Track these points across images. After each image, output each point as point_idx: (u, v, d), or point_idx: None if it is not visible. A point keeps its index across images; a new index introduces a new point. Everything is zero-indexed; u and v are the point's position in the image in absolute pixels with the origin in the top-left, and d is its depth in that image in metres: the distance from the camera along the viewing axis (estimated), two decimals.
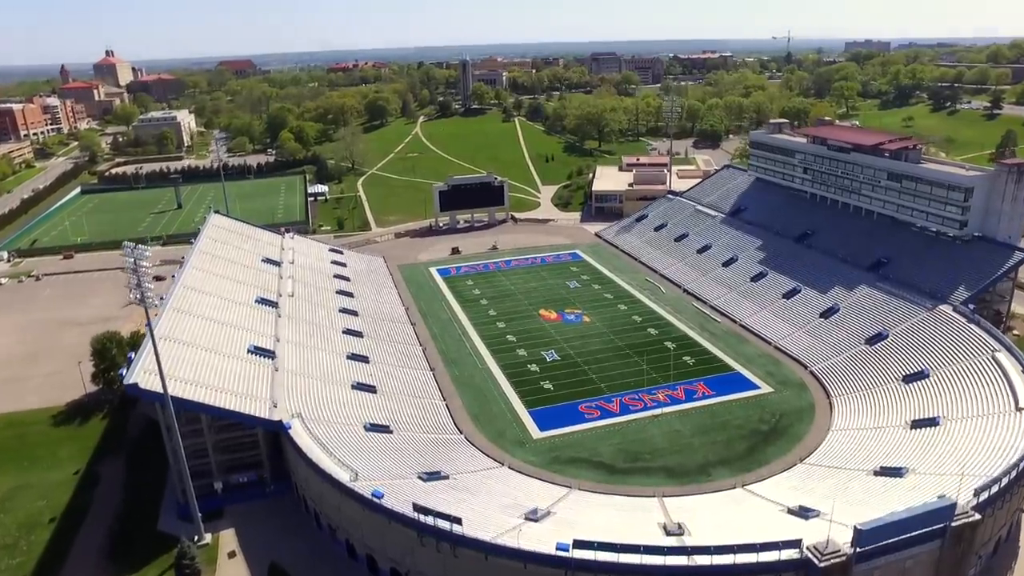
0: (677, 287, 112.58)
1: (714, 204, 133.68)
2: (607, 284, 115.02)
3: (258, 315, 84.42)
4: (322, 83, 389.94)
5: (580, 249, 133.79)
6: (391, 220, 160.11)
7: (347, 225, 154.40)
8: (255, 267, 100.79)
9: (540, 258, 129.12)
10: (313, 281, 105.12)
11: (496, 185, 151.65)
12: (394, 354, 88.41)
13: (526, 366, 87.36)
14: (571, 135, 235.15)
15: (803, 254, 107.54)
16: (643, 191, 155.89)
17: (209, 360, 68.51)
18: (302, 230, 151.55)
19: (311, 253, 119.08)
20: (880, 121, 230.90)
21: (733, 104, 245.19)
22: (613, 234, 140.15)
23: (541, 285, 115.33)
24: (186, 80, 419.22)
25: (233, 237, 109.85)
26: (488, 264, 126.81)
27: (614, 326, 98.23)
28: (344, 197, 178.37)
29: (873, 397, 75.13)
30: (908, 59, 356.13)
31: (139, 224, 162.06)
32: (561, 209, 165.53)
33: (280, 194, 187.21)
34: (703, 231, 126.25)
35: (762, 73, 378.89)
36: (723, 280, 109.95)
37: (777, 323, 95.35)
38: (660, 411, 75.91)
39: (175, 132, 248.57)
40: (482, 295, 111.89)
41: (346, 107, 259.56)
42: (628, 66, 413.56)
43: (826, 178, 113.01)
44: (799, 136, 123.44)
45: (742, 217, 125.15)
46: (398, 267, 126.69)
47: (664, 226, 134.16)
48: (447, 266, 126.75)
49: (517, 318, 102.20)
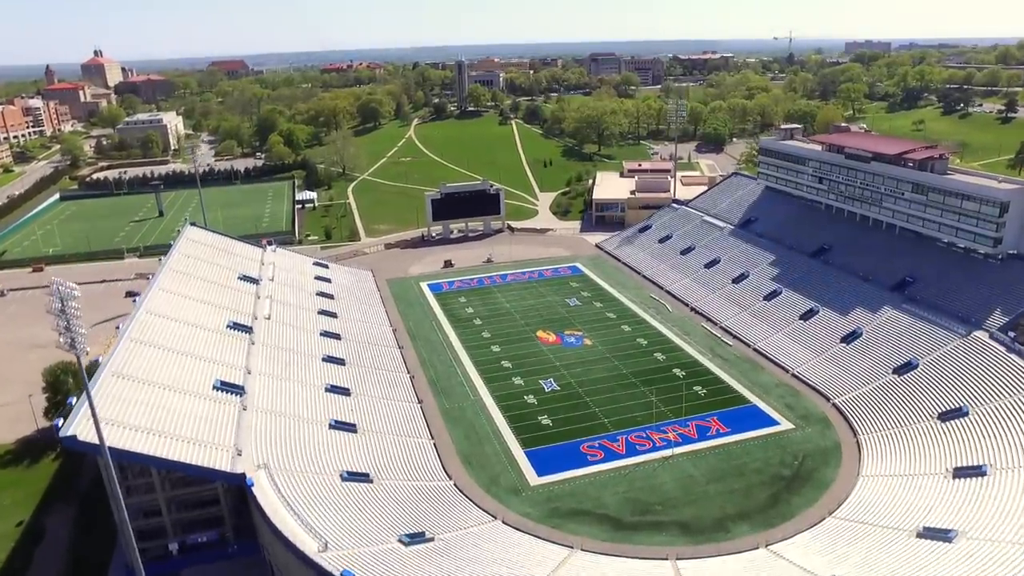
0: (684, 305, 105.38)
1: (722, 214, 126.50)
2: (609, 302, 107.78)
3: (229, 343, 76.98)
4: (315, 84, 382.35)
5: (580, 262, 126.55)
6: (382, 229, 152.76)
7: (335, 235, 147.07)
8: (230, 286, 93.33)
9: (538, 272, 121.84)
10: (294, 300, 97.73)
11: (492, 193, 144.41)
12: (379, 384, 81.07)
13: (523, 397, 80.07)
14: (570, 139, 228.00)
15: (819, 271, 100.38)
16: (646, 199, 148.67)
17: (167, 400, 61.08)
18: (287, 240, 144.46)
19: (293, 268, 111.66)
20: (889, 124, 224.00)
21: (737, 107, 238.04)
22: (615, 245, 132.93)
23: (539, 303, 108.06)
24: (176, 81, 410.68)
25: (208, 252, 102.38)
26: (483, 279, 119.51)
27: (618, 350, 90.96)
28: (333, 204, 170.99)
29: (906, 437, 67.93)
30: (914, 60, 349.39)
31: (117, 233, 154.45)
32: (560, 218, 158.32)
33: (267, 201, 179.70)
34: (711, 244, 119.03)
35: (764, 74, 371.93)
36: (733, 298, 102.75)
37: (794, 348, 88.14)
38: (671, 452, 68.67)
39: (161, 135, 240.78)
40: (476, 314, 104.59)
41: (338, 109, 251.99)
42: (628, 67, 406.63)
43: (843, 189, 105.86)
44: (813, 143, 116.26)
45: (752, 229, 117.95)
46: (387, 282, 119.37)
47: (669, 238, 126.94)
48: (439, 281, 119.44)
49: (513, 341, 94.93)
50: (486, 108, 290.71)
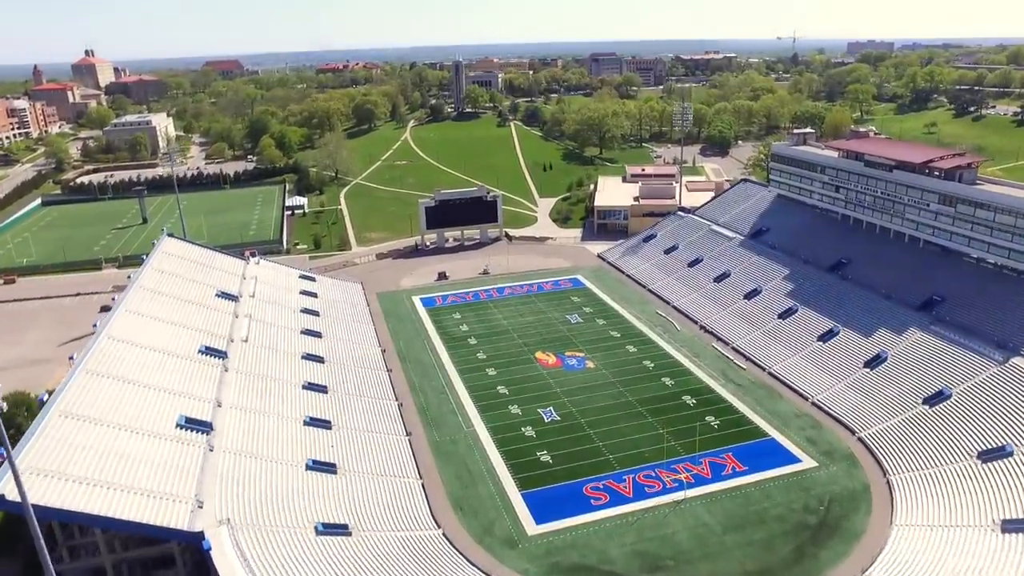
0: (692, 322, 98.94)
1: (731, 224, 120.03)
2: (613, 318, 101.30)
3: (199, 371, 70.45)
4: (311, 84, 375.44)
5: (581, 274, 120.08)
6: (374, 238, 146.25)
7: (325, 244, 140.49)
8: (206, 304, 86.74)
9: (537, 285, 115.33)
10: (275, 319, 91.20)
11: (489, 200, 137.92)
12: (364, 414, 74.61)
13: (520, 429, 73.60)
14: (570, 141, 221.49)
15: (838, 287, 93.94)
16: (650, 206, 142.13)
17: (123, 444, 54.55)
18: (275, 250, 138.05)
19: (277, 282, 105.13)
20: (899, 127, 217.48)
21: (742, 108, 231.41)
22: (618, 256, 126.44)
23: (538, 320, 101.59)
24: (168, 81, 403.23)
25: (185, 267, 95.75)
26: (478, 293, 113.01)
27: (623, 374, 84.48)
28: (324, 211, 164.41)
29: (943, 479, 61.46)
30: (922, 60, 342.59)
31: (97, 241, 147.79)
32: (560, 225, 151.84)
33: (256, 207, 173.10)
34: (720, 255, 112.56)
35: (768, 75, 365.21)
36: (746, 316, 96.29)
37: (813, 372, 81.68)
38: (683, 495, 62.21)
39: (149, 137, 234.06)
40: (470, 332, 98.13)
41: (332, 111, 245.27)
42: (629, 67, 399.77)
43: (862, 199, 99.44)
44: (829, 149, 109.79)
45: (764, 240, 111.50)
46: (378, 296, 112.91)
47: (675, 248, 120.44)
48: (432, 295, 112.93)
49: (510, 363, 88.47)
50: (484, 110, 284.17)
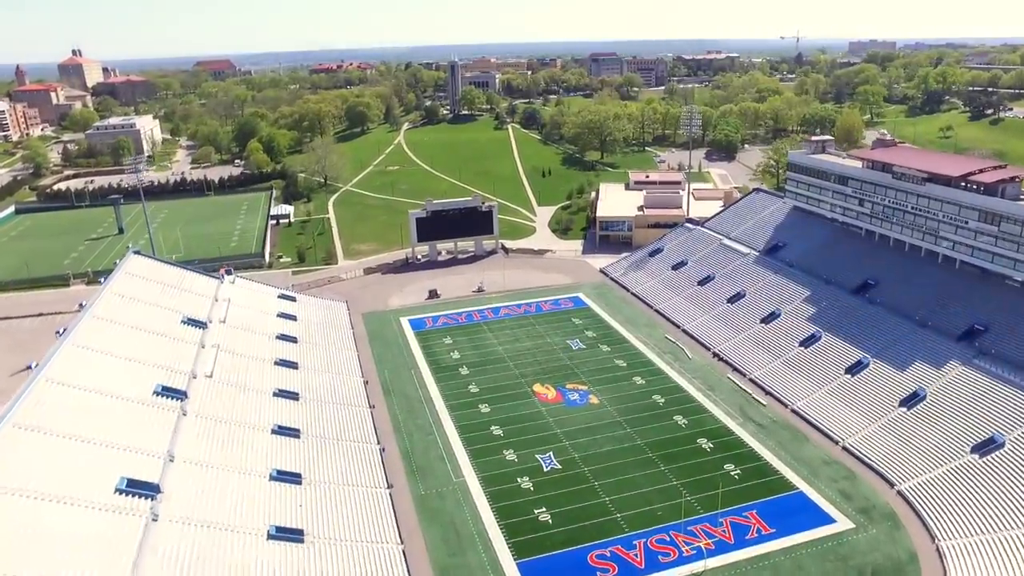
0: (705, 349, 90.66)
1: (744, 238, 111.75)
2: (617, 344, 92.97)
3: (152, 418, 62.01)
4: (303, 85, 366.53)
5: (583, 292, 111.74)
6: (362, 250, 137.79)
7: (310, 257, 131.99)
8: (169, 334, 78.27)
9: (535, 305, 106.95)
10: (247, 348, 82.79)
11: (483, 211, 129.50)
12: (340, 461, 66.26)
13: (516, 480, 65.29)
14: (570, 145, 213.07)
15: (864, 311, 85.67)
16: (656, 217, 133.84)
17: (44, 519, 46.17)
18: (256, 264, 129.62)
19: (253, 304, 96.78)
20: (913, 130, 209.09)
21: (748, 111, 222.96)
22: (622, 271, 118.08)
23: (536, 345, 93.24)
24: (158, 82, 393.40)
25: (149, 290, 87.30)
26: (472, 313, 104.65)
27: (630, 412, 76.19)
28: (311, 220, 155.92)
29: (1003, 547, 53.21)
30: (932, 61, 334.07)
31: (68, 254, 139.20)
32: (560, 236, 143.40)
33: (240, 215, 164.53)
34: (733, 273, 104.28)
35: (772, 75, 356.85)
36: (764, 342, 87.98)
37: (842, 411, 73.38)
38: (702, 567, 53.99)
39: (133, 140, 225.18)
40: (462, 359, 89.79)
41: (323, 113, 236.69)
42: (630, 67, 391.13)
43: (890, 214, 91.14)
44: (852, 159, 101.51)
45: (780, 257, 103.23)
46: (363, 316, 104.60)
47: (684, 264, 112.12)
48: (422, 316, 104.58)
49: (505, 397, 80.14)
50: (481, 112, 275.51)
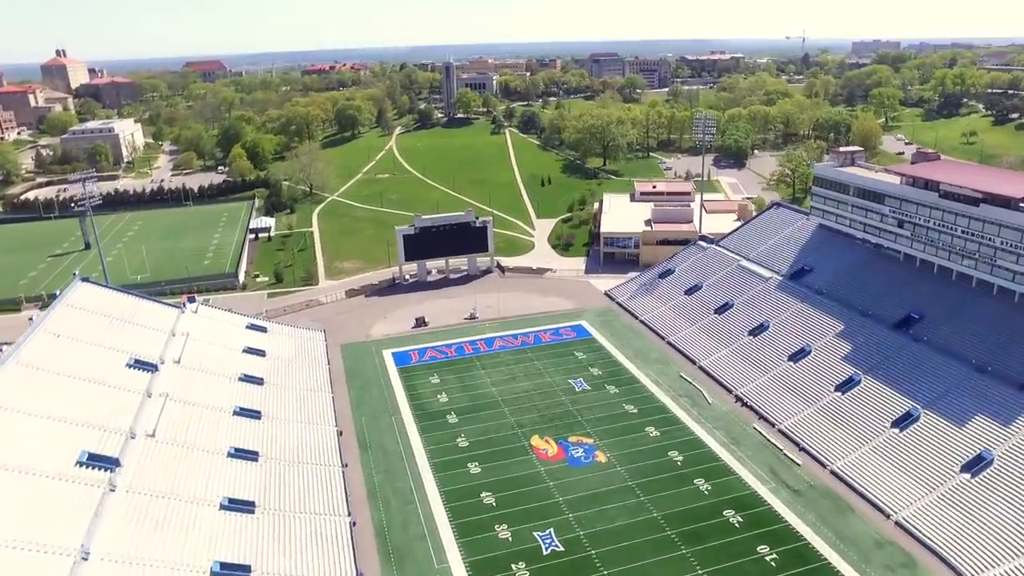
0: (726, 391, 79.99)
1: (765, 260, 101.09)
2: (627, 384, 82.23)
3: (70, 498, 51.26)
4: (295, 87, 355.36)
5: (587, 319, 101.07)
6: (346, 268, 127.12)
7: (288, 277, 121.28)
8: (110, 383, 67.49)
9: (534, 335, 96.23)
10: (202, 395, 72.00)
11: (477, 226, 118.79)
12: (300, 541, 55.53)
13: (511, 567, 54.62)
14: (571, 151, 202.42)
15: (909, 351, 74.97)
16: (664, 232, 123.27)
17: None
18: (229, 284, 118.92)
19: (216, 337, 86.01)
20: (935, 135, 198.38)
21: (758, 114, 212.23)
22: (629, 295, 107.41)
23: (534, 386, 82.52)
24: (144, 83, 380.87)
25: (94, 325, 76.57)
26: (463, 345, 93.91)
27: (643, 473, 65.50)
28: (293, 233, 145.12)
29: None
30: (946, 61, 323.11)
31: (26, 272, 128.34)
32: (561, 252, 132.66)
33: (218, 228, 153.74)
34: (754, 300, 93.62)
35: (779, 76, 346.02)
36: (793, 385, 77.27)
37: (892, 474, 62.65)
38: None
39: (111, 146, 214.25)
40: (450, 404, 79.09)
41: (311, 117, 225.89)
42: (631, 68, 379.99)
43: (936, 238, 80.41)
44: (889, 174, 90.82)
45: (807, 283, 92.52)
46: (341, 348, 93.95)
47: (698, 288, 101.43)
48: (407, 348, 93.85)
49: (499, 453, 69.45)
50: (477, 115, 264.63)
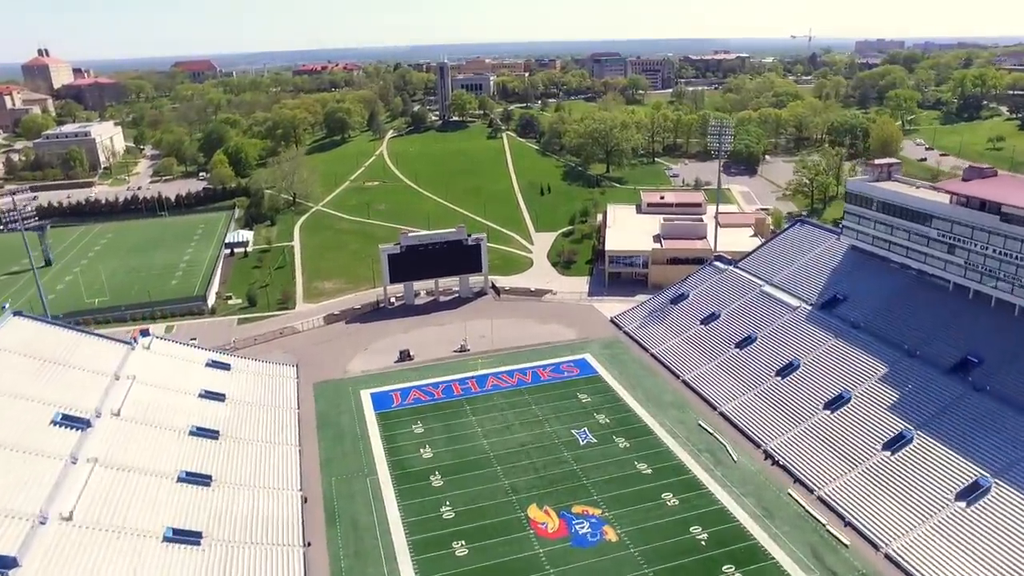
0: (753, 444, 69.24)
1: (790, 285, 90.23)
2: (638, 436, 71.41)
3: None
4: (285, 88, 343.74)
5: (591, 351, 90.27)
6: (327, 289, 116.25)
7: (262, 300, 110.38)
8: (25, 447, 56.74)
9: (531, 373, 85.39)
10: (141, 459, 61.12)
11: (470, 244, 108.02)
12: None
13: None
14: (572, 156, 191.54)
15: (970, 403, 64.17)
16: (676, 250, 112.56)
17: None
18: (197, 309, 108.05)
19: (169, 379, 75.12)
20: (958, 139, 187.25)
21: (769, 117, 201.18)
22: (638, 323, 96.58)
23: (532, 438, 71.70)
24: (129, 84, 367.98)
25: (21, 370, 65.81)
26: (451, 385, 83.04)
27: (661, 556, 54.72)
28: (272, 248, 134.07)
29: None
30: (961, 61, 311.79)
31: None
32: (561, 271, 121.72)
33: (192, 242, 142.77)
34: (780, 334, 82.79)
35: (785, 76, 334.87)
36: (833, 440, 66.43)
37: (963, 561, 51.80)
38: None
39: (87, 151, 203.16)
40: (435, 461, 68.28)
41: (298, 121, 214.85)
42: (634, 68, 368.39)
43: (996, 267, 69.54)
44: (935, 191, 79.91)
45: (841, 314, 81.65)
46: (314, 388, 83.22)
47: (715, 317, 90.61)
48: (388, 387, 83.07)
49: (490, 530, 58.62)
50: (473, 118, 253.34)
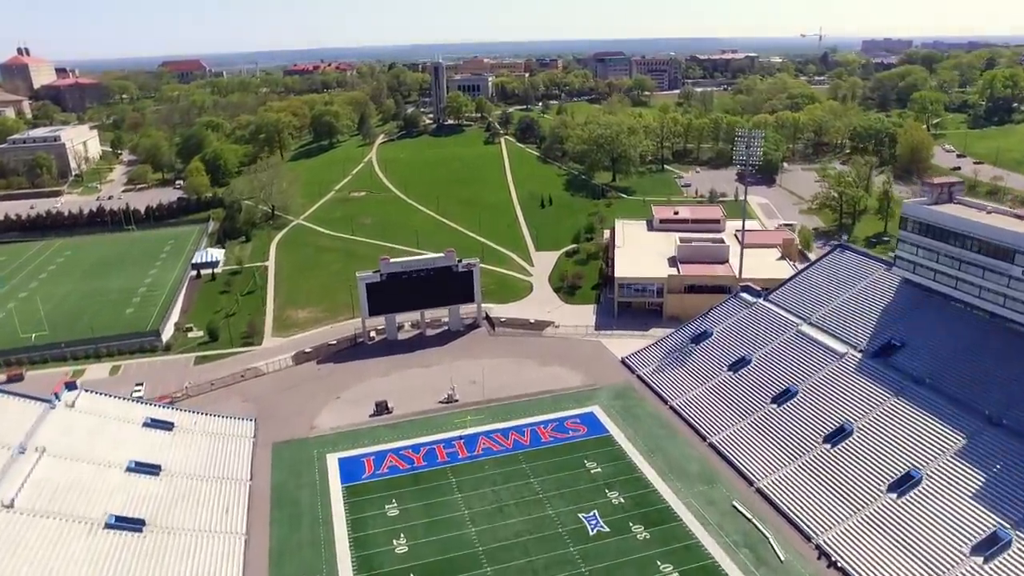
0: (801, 535, 56.04)
1: (833, 325, 76.86)
2: (660, 523, 58.14)
3: None
4: (274, 89, 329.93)
5: (600, 402, 77.10)
6: (299, 320, 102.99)
7: (225, 332, 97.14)
8: None
9: (530, 432, 72.12)
10: (32, 567, 47.96)
11: (460, 271, 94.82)
12: None
13: None
14: (575, 164, 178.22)
15: None
16: (695, 276, 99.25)
17: None
18: (150, 345, 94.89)
19: (93, 448, 62.05)
20: (994, 145, 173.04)
21: (786, 121, 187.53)
22: (654, 366, 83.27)
23: (530, 526, 58.48)
24: (112, 85, 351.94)
25: None
26: (435, 448, 69.82)
27: None
28: (244, 270, 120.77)
29: None
30: (983, 61, 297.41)
31: None
32: (565, 298, 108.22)
33: (158, 261, 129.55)
34: (826, 387, 69.52)
35: (797, 77, 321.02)
36: (905, 535, 53.20)
37: None
38: None
39: (56, 157, 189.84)
40: (411, 559, 55.17)
41: (282, 124, 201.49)
42: (639, 68, 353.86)
43: None
44: (1017, 219, 66.65)
45: (899, 364, 68.35)
46: (273, 450, 70.11)
47: (746, 363, 77.33)
48: (360, 451, 69.92)
49: None
50: (470, 122, 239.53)
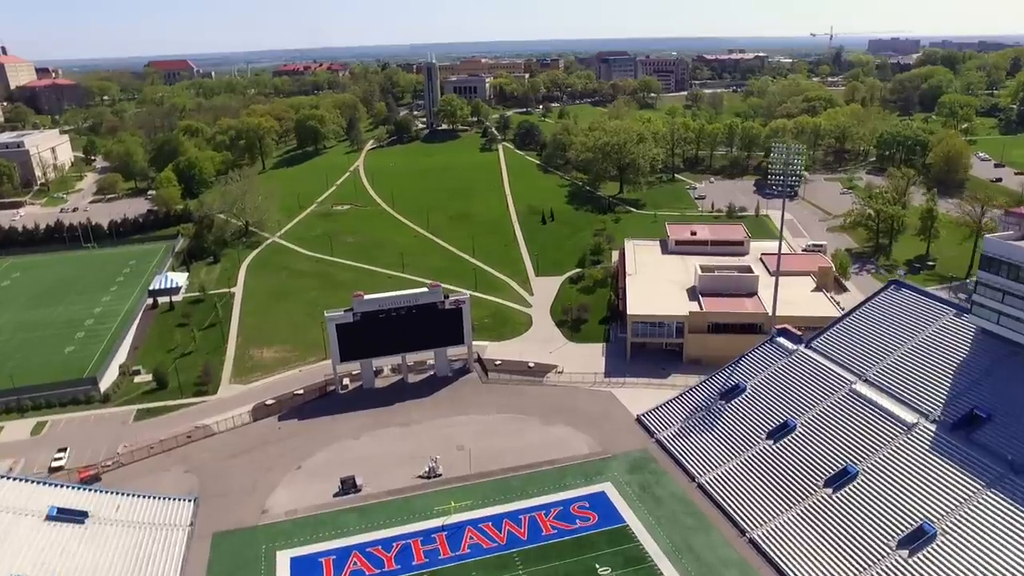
0: None
1: (896, 384, 63.41)
2: None
3: None
4: (262, 90, 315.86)
5: (612, 477, 63.88)
6: (264, 361, 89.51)
7: (175, 379, 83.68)
8: None
9: (529, 519, 58.79)
10: None
11: (447, 308, 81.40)
12: None
13: None
14: (579, 173, 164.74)
15: None
16: (720, 314, 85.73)
17: None
18: (85, 396, 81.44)
19: None
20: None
21: (806, 127, 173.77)
22: (676, 428, 69.91)
23: None
24: (92, 86, 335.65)
25: None
26: (410, 544, 56.52)
27: None
28: (206, 297, 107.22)
29: None
30: (1009, 61, 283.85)
31: None
32: (569, 334, 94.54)
33: (114, 285, 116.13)
34: (895, 469, 56.12)
35: (810, 78, 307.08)
36: None
37: None
38: None
39: (20, 165, 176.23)
40: None
41: (264, 129, 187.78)
42: (644, 69, 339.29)
43: None
44: None
45: (987, 442, 54.97)
46: (212, 542, 56.84)
47: (788, 429, 63.94)
48: (318, 548, 56.63)
49: None
50: (465, 127, 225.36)
